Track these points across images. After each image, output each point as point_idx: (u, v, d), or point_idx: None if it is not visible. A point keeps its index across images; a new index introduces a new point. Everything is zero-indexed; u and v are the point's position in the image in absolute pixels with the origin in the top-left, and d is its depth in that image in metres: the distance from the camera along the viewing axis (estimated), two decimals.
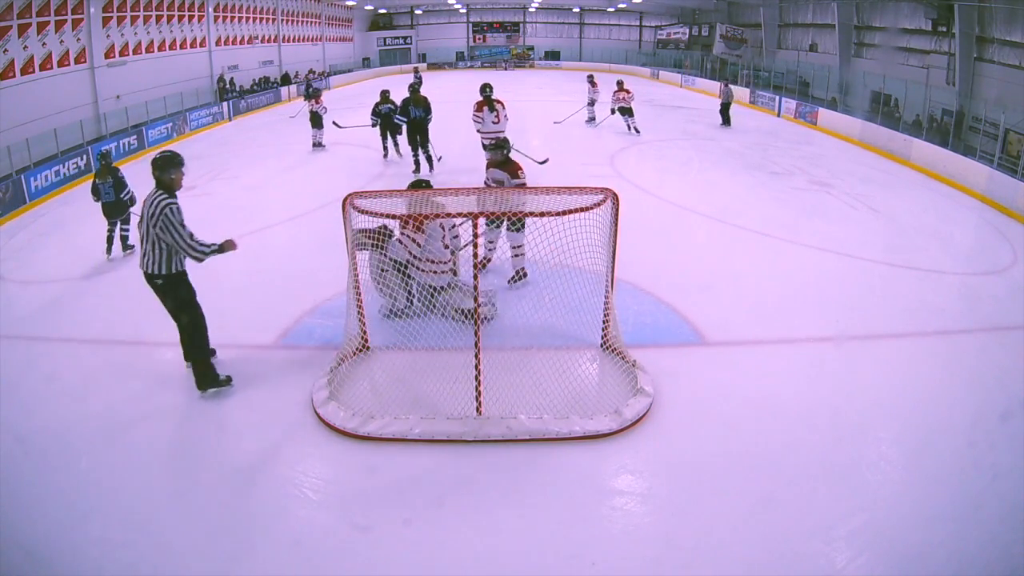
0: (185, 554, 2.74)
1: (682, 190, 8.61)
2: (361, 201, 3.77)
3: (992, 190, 8.94)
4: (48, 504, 3.00)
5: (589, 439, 3.39)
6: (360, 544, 2.81)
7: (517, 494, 3.08)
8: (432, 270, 4.47)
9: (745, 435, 3.48)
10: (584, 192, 3.79)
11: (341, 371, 3.94)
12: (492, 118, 8.22)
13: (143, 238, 3.70)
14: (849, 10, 17.68)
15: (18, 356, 4.48)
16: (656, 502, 3.07)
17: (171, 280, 3.76)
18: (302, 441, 3.46)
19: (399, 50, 33.04)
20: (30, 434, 3.55)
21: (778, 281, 5.63)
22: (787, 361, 4.33)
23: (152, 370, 4.27)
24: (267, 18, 22.36)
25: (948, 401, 3.87)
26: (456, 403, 3.55)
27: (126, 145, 12.15)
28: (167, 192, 3.69)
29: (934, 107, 12.71)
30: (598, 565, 2.67)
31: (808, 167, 10.53)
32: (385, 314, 4.56)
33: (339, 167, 10.29)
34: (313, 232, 6.38)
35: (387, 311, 4.61)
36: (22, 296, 5.66)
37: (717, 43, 24.56)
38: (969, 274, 6.12)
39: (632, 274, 5.21)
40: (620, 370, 3.98)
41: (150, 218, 3.63)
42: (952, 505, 3.02)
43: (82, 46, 13.31)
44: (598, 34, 34.05)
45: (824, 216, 7.69)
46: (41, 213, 8.77)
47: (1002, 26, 12.49)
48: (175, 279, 3.78)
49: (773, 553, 2.74)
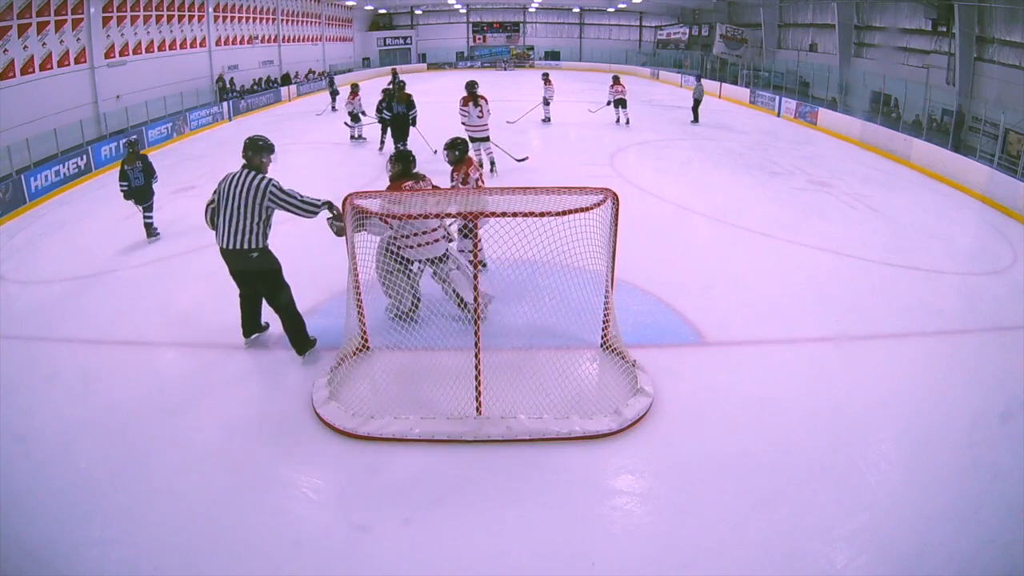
0: (185, 554, 2.74)
1: (682, 190, 8.60)
2: (361, 201, 3.77)
3: (992, 190, 8.93)
4: (48, 504, 2.99)
5: (589, 439, 3.39)
6: (360, 544, 2.81)
7: (517, 494, 3.08)
8: (421, 242, 4.38)
9: (745, 435, 3.48)
10: (584, 192, 3.79)
11: (341, 371, 3.94)
12: (476, 112, 8.71)
13: (232, 215, 3.90)
14: (849, 10, 17.69)
15: (18, 356, 4.48)
16: (656, 502, 3.07)
17: (265, 251, 4.03)
18: (302, 441, 3.45)
19: (399, 50, 33.05)
20: (30, 434, 3.55)
21: (778, 281, 5.63)
22: (787, 361, 4.33)
23: (152, 370, 4.27)
24: (267, 18, 22.37)
25: (948, 401, 3.87)
26: (456, 403, 3.55)
27: (126, 145, 12.13)
28: (259, 172, 3.99)
29: (934, 107, 12.70)
30: (598, 565, 2.67)
31: (808, 167, 10.53)
32: (392, 316, 4.55)
33: (339, 167, 10.30)
34: (313, 232, 6.38)
35: (394, 312, 4.59)
36: (22, 296, 5.67)
37: (717, 43, 24.57)
38: (969, 274, 6.12)
39: (632, 274, 5.20)
40: (620, 370, 3.98)
41: (252, 195, 3.88)
42: (952, 505, 3.02)
43: (82, 46, 13.31)
44: (598, 34, 34.05)
45: (824, 216, 7.68)
46: (41, 213, 8.78)
47: (1002, 26, 12.49)
48: (267, 250, 4.06)
49: (773, 553, 2.74)
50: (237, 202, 3.89)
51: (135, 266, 6.18)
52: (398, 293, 4.38)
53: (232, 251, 3.97)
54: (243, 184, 3.91)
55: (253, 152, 3.99)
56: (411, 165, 4.69)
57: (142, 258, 6.36)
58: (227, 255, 4.03)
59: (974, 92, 13.02)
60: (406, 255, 4.38)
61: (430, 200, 3.97)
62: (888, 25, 16.31)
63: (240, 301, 4.32)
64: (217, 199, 3.98)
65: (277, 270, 4.11)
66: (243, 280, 4.18)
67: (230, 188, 3.92)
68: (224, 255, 4.04)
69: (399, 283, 4.36)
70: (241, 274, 4.13)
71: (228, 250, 3.99)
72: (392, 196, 4.16)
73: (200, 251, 6.47)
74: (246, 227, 3.91)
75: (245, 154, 4.00)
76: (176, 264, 6.20)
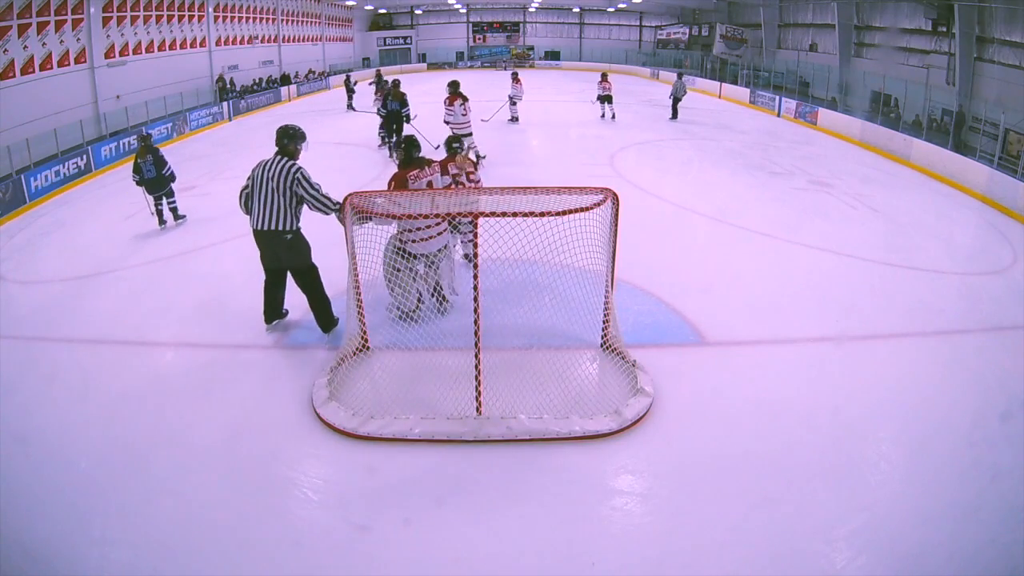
0: (185, 554, 2.74)
1: (682, 190, 8.60)
2: (361, 201, 3.77)
3: (992, 190, 8.94)
4: (48, 504, 2.99)
5: (589, 439, 3.39)
6: (360, 544, 2.81)
7: (517, 494, 3.08)
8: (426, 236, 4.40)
9: (745, 435, 3.48)
10: (584, 192, 3.79)
11: (341, 371, 3.94)
12: (461, 111, 9.23)
13: (267, 199, 4.14)
14: (849, 10, 17.68)
15: (18, 356, 4.48)
16: (656, 502, 3.07)
17: (297, 233, 4.27)
18: (302, 441, 3.46)
19: (399, 50, 33.03)
20: (30, 434, 3.55)
21: (778, 281, 5.63)
22: (787, 361, 4.33)
23: (152, 370, 4.27)
24: (267, 18, 22.36)
25: (948, 401, 3.87)
26: (456, 403, 3.55)
27: (126, 145, 12.14)
28: (291, 159, 4.22)
29: (934, 107, 12.72)
30: (598, 565, 2.67)
31: (808, 167, 10.53)
32: (395, 315, 4.54)
33: (339, 167, 10.29)
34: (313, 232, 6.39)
35: (396, 310, 4.59)
36: (22, 296, 5.66)
37: (717, 43, 24.56)
38: (969, 274, 6.12)
39: (632, 274, 5.20)
40: (620, 370, 3.98)
41: (283, 179, 4.12)
42: (952, 505, 3.02)
43: (82, 46, 13.32)
44: (598, 34, 34.04)
45: (824, 216, 7.68)
46: (41, 213, 8.77)
47: (1002, 26, 12.49)
48: (299, 233, 4.29)
49: (773, 553, 2.74)
50: (270, 186, 4.14)
51: (135, 266, 6.17)
52: (403, 291, 4.39)
53: (265, 232, 4.19)
54: (275, 169, 4.15)
55: (287, 140, 4.25)
56: (416, 149, 4.75)
57: (142, 258, 6.36)
58: (260, 236, 4.24)
59: (974, 92, 13.02)
60: (411, 250, 4.39)
61: (434, 199, 3.98)
62: (888, 25, 16.31)
63: (264, 287, 4.49)
64: (251, 184, 4.21)
65: (308, 252, 4.35)
66: (274, 262, 4.36)
67: (263, 173, 4.17)
68: (257, 237, 4.25)
69: (405, 281, 4.38)
70: (273, 256, 4.32)
71: (262, 231, 4.20)
72: (396, 196, 4.18)
73: (200, 251, 6.48)
74: (278, 210, 4.15)
75: (279, 142, 4.25)
76: (176, 264, 6.20)
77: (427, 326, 4.26)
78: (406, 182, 4.54)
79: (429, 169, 4.69)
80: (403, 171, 4.64)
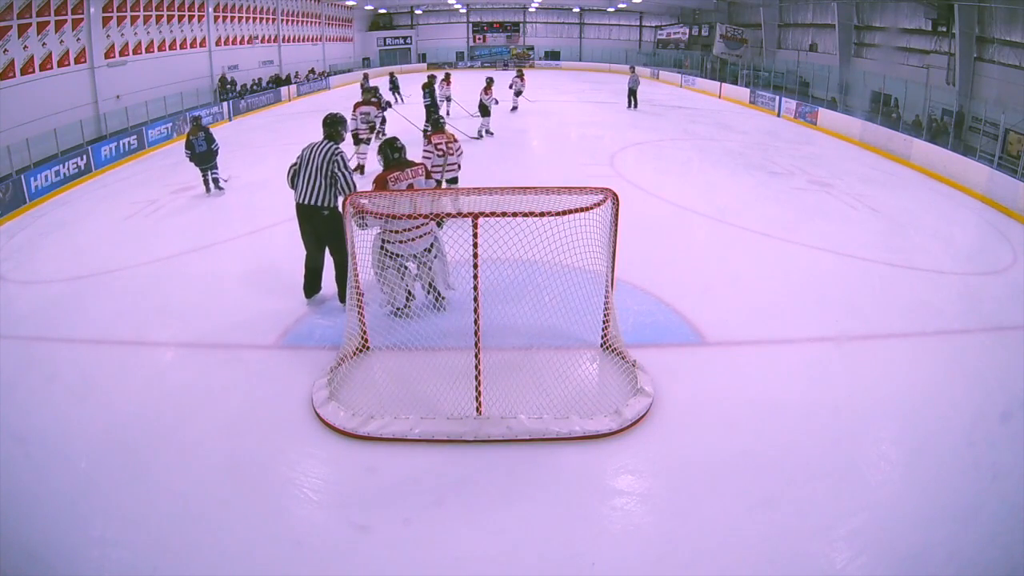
0: (185, 554, 2.74)
1: (682, 190, 8.60)
2: (361, 201, 3.77)
3: (992, 190, 8.94)
4: (48, 504, 2.99)
5: (589, 439, 3.39)
6: (360, 544, 2.81)
7: (517, 494, 3.08)
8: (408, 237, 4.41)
9: (745, 435, 3.47)
10: (584, 192, 3.79)
11: (341, 371, 3.94)
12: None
13: (311, 177, 4.57)
14: (849, 10, 17.69)
15: (18, 356, 4.47)
16: (656, 502, 3.07)
17: (334, 210, 4.65)
18: (302, 441, 3.45)
19: (399, 50, 33.02)
20: (30, 434, 3.54)
21: (778, 281, 5.63)
22: (787, 361, 4.33)
23: (152, 370, 4.27)
24: (267, 18, 22.37)
25: (948, 401, 3.87)
26: (456, 403, 3.55)
27: (126, 145, 12.14)
28: (335, 143, 4.70)
29: (934, 107, 12.72)
30: (598, 565, 2.67)
31: (808, 167, 10.53)
32: (387, 312, 4.56)
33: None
34: None
35: (388, 308, 4.61)
36: (22, 296, 5.66)
37: (717, 43, 24.56)
38: (969, 274, 6.12)
39: (632, 274, 5.21)
40: (620, 370, 3.98)
41: (324, 159, 4.56)
42: (952, 505, 3.02)
43: (82, 46, 13.31)
44: (598, 34, 34.04)
45: (824, 216, 7.68)
46: (41, 213, 8.77)
47: (1002, 26, 12.49)
48: (336, 209, 4.65)
49: (773, 553, 2.73)
50: (313, 165, 4.57)
51: (135, 266, 6.17)
52: (391, 288, 4.42)
53: (307, 206, 4.61)
54: (319, 150, 4.60)
55: (330, 126, 4.77)
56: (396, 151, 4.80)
57: (142, 258, 6.36)
58: (302, 210, 4.65)
59: (974, 92, 13.02)
60: (394, 250, 4.40)
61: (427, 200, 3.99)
62: (888, 25, 16.32)
63: (306, 261, 4.85)
64: (299, 162, 4.65)
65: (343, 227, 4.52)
66: (313, 236, 4.72)
67: (310, 153, 4.61)
68: (299, 210, 4.67)
69: (391, 278, 4.42)
70: (311, 230, 4.70)
71: (304, 205, 4.62)
72: (386, 196, 4.19)
73: (200, 251, 6.48)
74: (319, 187, 4.57)
75: (325, 128, 4.76)
76: (176, 264, 6.19)
77: (427, 326, 4.27)
78: (387, 184, 4.56)
79: (411, 171, 4.72)
80: (384, 173, 4.67)
